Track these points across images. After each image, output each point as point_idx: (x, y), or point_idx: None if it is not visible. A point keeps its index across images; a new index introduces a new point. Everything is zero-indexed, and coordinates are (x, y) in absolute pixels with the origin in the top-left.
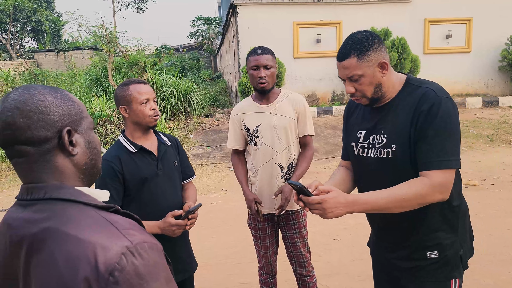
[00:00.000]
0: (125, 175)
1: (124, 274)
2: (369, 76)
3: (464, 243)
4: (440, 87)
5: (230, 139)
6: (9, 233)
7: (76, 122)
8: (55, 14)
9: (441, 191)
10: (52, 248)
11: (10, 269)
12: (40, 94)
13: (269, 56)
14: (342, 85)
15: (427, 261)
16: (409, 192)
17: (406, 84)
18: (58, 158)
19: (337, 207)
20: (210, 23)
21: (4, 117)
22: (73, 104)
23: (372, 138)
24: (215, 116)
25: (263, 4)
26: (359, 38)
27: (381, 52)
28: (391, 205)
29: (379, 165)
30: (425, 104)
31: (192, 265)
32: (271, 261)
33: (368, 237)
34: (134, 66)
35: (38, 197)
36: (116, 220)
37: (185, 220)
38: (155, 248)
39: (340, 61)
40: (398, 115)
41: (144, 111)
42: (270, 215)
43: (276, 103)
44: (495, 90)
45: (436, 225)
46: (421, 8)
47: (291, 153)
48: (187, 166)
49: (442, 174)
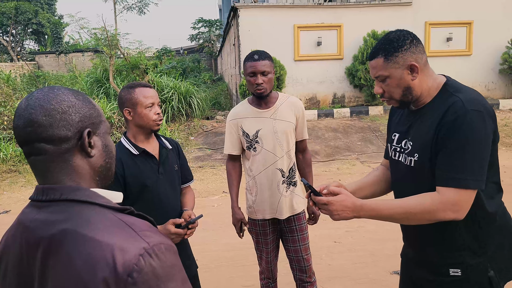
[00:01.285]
0: (126, 178)
1: (142, 275)
2: (396, 78)
3: (497, 263)
4: (473, 97)
5: (227, 144)
6: (25, 234)
7: (96, 125)
8: (56, 16)
9: (454, 210)
10: (69, 250)
11: (25, 270)
12: (63, 95)
13: (266, 61)
14: (343, 88)
15: (449, 277)
16: (417, 206)
17: (443, 89)
18: (76, 158)
19: (344, 211)
20: (211, 26)
21: (27, 114)
22: (93, 107)
23: (404, 143)
24: (216, 118)
25: (264, 6)
26: (390, 38)
27: (412, 54)
28: (397, 216)
29: (406, 172)
30: (449, 116)
31: (191, 267)
32: (272, 266)
33: (370, 240)
34: (135, 68)
35: (54, 198)
36: (132, 222)
37: (184, 230)
38: (171, 250)
39: (369, 60)
40: (425, 123)
41: (148, 115)
42: (272, 220)
43: (276, 107)
44: (496, 93)
45: (460, 244)
46: (422, 11)
47: (291, 157)
48: (187, 170)
49: (457, 193)
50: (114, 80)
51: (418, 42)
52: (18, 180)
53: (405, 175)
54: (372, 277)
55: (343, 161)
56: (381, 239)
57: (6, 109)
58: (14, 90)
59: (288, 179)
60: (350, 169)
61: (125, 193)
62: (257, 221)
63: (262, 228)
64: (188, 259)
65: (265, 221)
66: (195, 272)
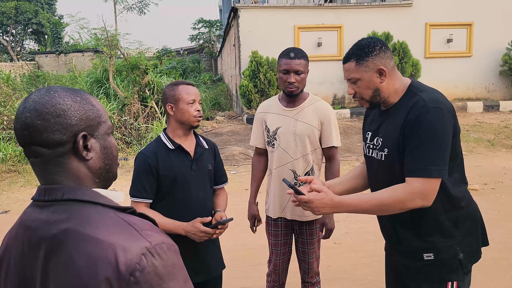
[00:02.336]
0: (159, 171)
1: (145, 274)
2: (366, 81)
3: (466, 247)
4: (434, 97)
5: (253, 136)
6: (27, 234)
7: (93, 127)
8: (56, 16)
9: (422, 197)
10: (71, 250)
11: (27, 269)
12: (59, 97)
13: (301, 61)
14: (343, 89)
15: (423, 262)
16: (390, 197)
17: (408, 90)
18: (72, 161)
19: (323, 207)
20: (211, 26)
21: (23, 118)
22: (92, 108)
23: (376, 140)
24: (216, 119)
25: (265, 7)
26: (362, 44)
27: (381, 59)
28: (373, 209)
29: (379, 166)
30: (413, 113)
31: (216, 267)
32: (279, 270)
33: (369, 241)
34: (135, 68)
35: (55, 198)
36: (134, 222)
37: (213, 230)
38: (173, 249)
39: (343, 63)
40: (392, 121)
41: (189, 111)
42: (284, 221)
43: (301, 108)
44: (496, 95)
45: (432, 230)
46: (422, 13)
47: (308, 161)
48: (221, 172)
49: (423, 182)
50: (114, 80)
51: (387, 48)
52: (17, 180)
53: (377, 170)
54: (371, 278)
55: (343, 162)
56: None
57: (5, 109)
58: (14, 90)
59: (302, 183)
60: (350, 170)
61: (157, 186)
62: (270, 220)
63: (274, 228)
64: (212, 258)
65: (277, 222)
66: (219, 272)
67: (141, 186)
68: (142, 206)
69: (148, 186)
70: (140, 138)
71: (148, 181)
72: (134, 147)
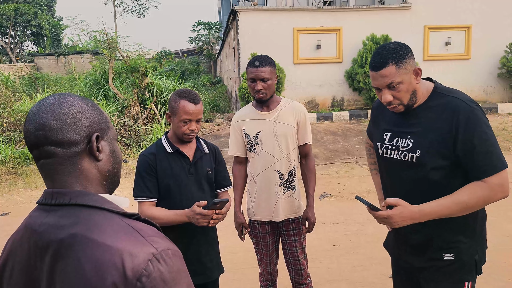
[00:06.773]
0: (158, 172)
1: (151, 280)
2: (407, 83)
3: (480, 249)
4: (466, 96)
5: (231, 146)
6: (33, 238)
7: (104, 130)
8: (56, 18)
9: (502, 190)
10: (79, 254)
11: (32, 273)
12: (74, 101)
13: (266, 68)
14: (342, 91)
15: (442, 262)
16: (473, 198)
17: (434, 92)
18: (84, 162)
19: (403, 220)
20: (210, 28)
21: (39, 118)
22: (102, 114)
23: (396, 140)
24: (215, 121)
25: (264, 10)
26: (392, 47)
27: (413, 60)
28: (456, 212)
29: (402, 167)
30: (460, 116)
31: (213, 270)
32: (271, 268)
33: (368, 243)
34: (135, 71)
35: (62, 203)
36: (140, 228)
37: (210, 211)
38: (178, 255)
39: (377, 70)
40: (428, 122)
41: (181, 128)
42: (270, 223)
43: (277, 110)
44: (494, 97)
45: (458, 229)
46: (421, 15)
47: (291, 161)
48: (223, 176)
49: (499, 176)
50: (114, 83)
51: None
52: (17, 182)
53: (399, 170)
54: (370, 280)
55: (342, 165)
56: (380, 242)
57: (5, 111)
58: (13, 92)
59: (286, 182)
60: (349, 172)
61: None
62: (256, 224)
63: (261, 231)
64: (210, 261)
65: (264, 224)
66: (216, 276)
67: (144, 186)
68: (147, 205)
69: (150, 185)
70: (140, 140)
71: (150, 181)
72: (133, 149)
